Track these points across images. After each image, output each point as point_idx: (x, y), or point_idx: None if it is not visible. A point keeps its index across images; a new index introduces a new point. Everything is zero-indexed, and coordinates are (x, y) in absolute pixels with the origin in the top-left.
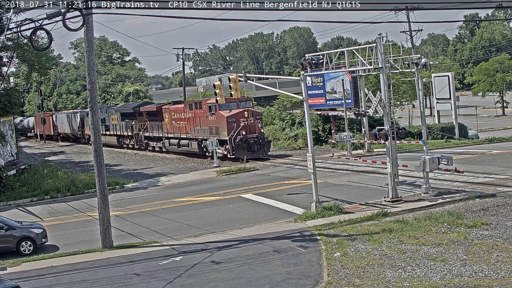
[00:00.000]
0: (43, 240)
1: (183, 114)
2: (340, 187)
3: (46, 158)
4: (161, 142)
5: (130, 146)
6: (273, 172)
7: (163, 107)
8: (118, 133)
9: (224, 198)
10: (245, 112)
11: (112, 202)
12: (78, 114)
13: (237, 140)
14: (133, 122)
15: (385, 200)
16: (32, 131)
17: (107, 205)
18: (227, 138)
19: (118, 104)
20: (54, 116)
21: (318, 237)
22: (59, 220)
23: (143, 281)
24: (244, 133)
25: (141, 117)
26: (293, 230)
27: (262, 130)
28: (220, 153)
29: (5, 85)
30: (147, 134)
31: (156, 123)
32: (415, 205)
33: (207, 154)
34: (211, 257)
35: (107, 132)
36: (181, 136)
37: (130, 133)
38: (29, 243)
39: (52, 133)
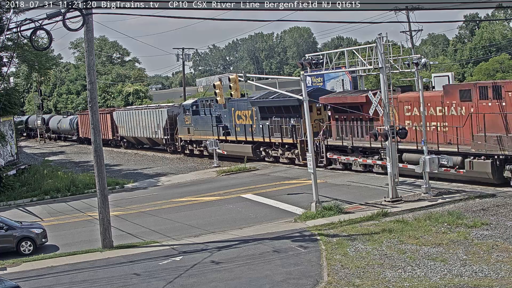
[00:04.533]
0: (43, 240)
1: (438, 107)
2: (340, 187)
3: (46, 158)
4: (377, 156)
5: (284, 160)
6: (273, 172)
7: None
8: (256, 139)
9: (224, 198)
10: None
11: (112, 202)
12: (165, 111)
13: None
14: (293, 121)
15: (385, 200)
16: (75, 134)
17: (107, 205)
18: None
19: (253, 95)
20: (114, 113)
21: (318, 237)
22: (59, 220)
23: (143, 281)
24: None
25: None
26: (293, 230)
27: None
28: None
29: (5, 85)
30: (333, 142)
31: (357, 124)
32: (415, 205)
33: None
34: (211, 257)
35: (228, 138)
36: (440, 149)
37: (288, 140)
38: (29, 243)
39: (111, 137)
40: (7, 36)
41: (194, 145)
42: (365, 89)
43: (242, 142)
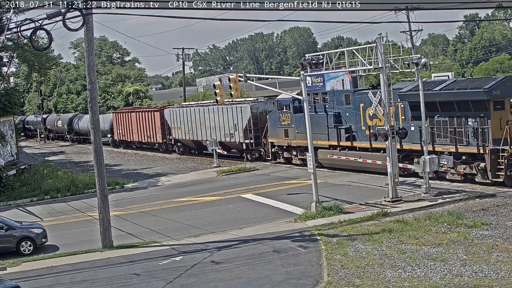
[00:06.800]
0: (43, 240)
1: None
2: (340, 187)
3: (46, 158)
4: None
5: (456, 177)
6: (273, 172)
7: None
8: (406, 146)
9: (224, 198)
10: None
11: (112, 202)
12: (248, 107)
13: None
14: (472, 122)
15: (385, 200)
16: (109, 135)
17: (107, 205)
18: None
19: (398, 85)
20: (166, 111)
21: (318, 237)
22: (59, 220)
23: (143, 281)
24: None
25: (501, 112)
26: (293, 230)
27: None
28: None
29: (5, 85)
30: None
31: None
32: (415, 205)
33: None
34: (211, 257)
35: (354, 143)
36: None
37: (467, 148)
38: (29, 243)
39: (160, 140)
40: (7, 36)
41: (294, 152)
42: None
43: (380, 150)
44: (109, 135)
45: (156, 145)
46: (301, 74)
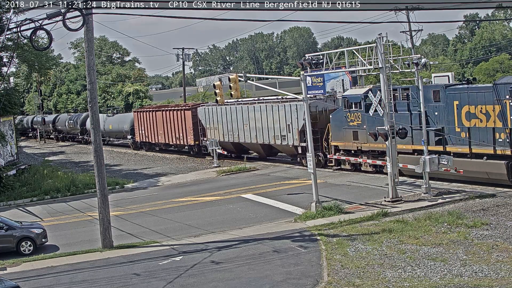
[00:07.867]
0: (43, 240)
1: None
2: (340, 187)
3: (46, 158)
4: None
5: None
6: (273, 172)
7: None
8: None
9: (224, 198)
10: None
11: (112, 202)
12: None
13: None
14: None
15: (385, 200)
16: (129, 137)
17: (107, 205)
18: None
19: (502, 79)
20: (200, 109)
21: (318, 237)
22: (59, 220)
23: (143, 281)
24: None
25: None
26: (293, 230)
27: None
28: None
29: (5, 85)
30: None
31: None
32: (415, 205)
33: None
34: (211, 257)
35: (447, 148)
36: None
37: None
38: (29, 243)
39: (192, 143)
40: (7, 36)
41: (364, 157)
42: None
43: (483, 157)
44: (129, 136)
45: (186, 147)
46: (301, 74)
